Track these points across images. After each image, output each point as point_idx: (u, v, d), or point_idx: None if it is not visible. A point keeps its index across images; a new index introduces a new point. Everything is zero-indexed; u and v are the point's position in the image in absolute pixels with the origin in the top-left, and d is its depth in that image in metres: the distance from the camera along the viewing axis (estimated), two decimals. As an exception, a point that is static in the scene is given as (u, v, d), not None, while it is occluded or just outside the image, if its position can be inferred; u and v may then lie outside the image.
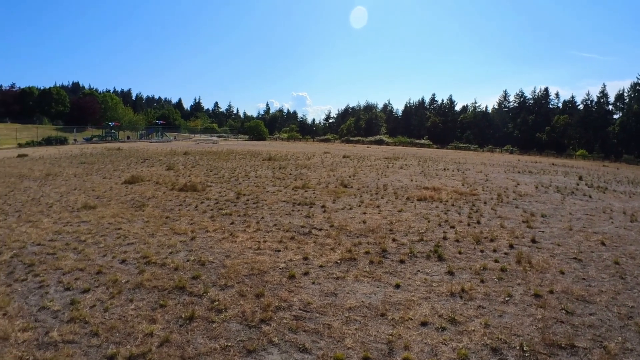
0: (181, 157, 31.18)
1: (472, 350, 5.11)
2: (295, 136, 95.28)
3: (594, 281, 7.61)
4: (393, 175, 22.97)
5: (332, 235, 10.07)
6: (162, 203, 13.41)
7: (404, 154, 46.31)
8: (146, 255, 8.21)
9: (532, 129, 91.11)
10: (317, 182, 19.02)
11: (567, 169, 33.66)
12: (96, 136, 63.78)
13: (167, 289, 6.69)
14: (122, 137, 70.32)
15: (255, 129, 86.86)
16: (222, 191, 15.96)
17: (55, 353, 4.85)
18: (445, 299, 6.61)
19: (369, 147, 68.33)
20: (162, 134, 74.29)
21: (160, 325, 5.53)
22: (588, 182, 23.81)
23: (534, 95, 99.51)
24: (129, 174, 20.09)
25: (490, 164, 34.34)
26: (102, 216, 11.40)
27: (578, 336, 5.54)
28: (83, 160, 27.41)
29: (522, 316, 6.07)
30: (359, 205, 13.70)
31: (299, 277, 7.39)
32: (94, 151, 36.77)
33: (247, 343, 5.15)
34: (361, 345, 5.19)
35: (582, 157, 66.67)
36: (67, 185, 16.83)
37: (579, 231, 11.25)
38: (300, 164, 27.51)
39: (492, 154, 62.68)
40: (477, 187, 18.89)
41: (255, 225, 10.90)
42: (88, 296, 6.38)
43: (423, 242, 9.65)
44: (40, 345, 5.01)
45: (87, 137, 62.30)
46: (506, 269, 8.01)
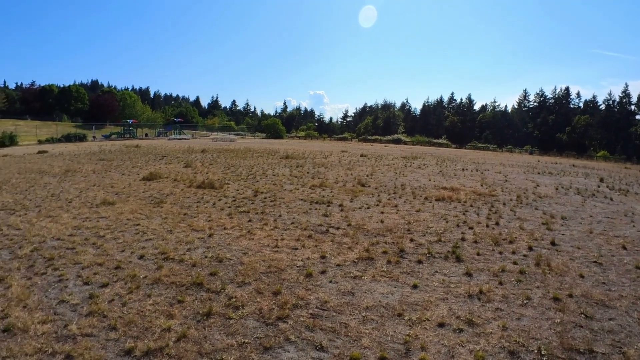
0: (199, 155, 31.35)
1: (489, 353, 5.05)
2: (312, 134, 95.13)
3: (614, 285, 7.46)
4: (411, 174, 22.82)
5: (350, 234, 10.04)
6: (180, 200, 13.51)
7: (422, 153, 45.96)
8: (164, 251, 8.27)
9: (553, 129, 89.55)
10: (334, 180, 18.98)
11: (587, 171, 33.10)
12: (115, 133, 64.48)
13: (185, 285, 6.73)
14: (140, 134, 70.97)
15: (273, 127, 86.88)
16: (240, 189, 16.01)
17: (74, 346, 4.91)
18: (462, 301, 6.54)
19: (387, 146, 67.74)
20: (179, 132, 74.79)
21: (177, 320, 5.57)
22: (609, 184, 23.37)
23: (555, 94, 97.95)
24: (147, 170, 20.26)
25: (510, 165, 33.93)
26: (120, 212, 11.52)
27: (597, 341, 5.43)
28: (102, 157, 27.74)
29: (540, 319, 5.98)
30: (377, 205, 13.63)
31: (316, 275, 7.38)
32: (112, 148, 37.19)
33: (263, 340, 5.15)
34: (378, 345, 5.16)
35: (604, 158, 65.37)
36: (86, 181, 17.05)
37: (599, 234, 11.05)
38: (318, 163, 27.47)
39: (511, 154, 61.88)
40: (496, 187, 18.68)
41: (272, 223, 10.92)
42: (106, 290, 6.46)
43: (441, 243, 9.57)
44: (59, 338, 5.07)
45: (105, 134, 63.08)
46: (525, 271, 7.89)
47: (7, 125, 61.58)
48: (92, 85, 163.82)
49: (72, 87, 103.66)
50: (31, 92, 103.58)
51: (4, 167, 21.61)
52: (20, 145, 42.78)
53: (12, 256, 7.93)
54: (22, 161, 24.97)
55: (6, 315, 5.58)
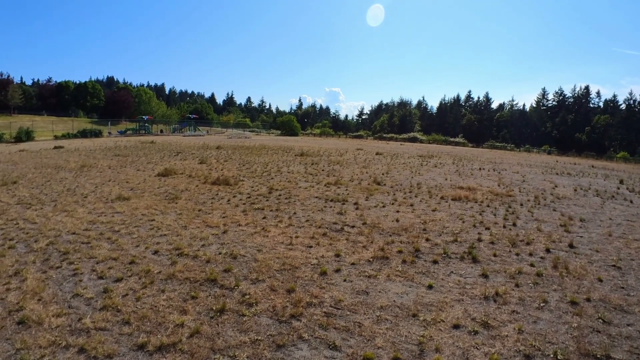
0: (214, 151, 31.48)
1: (504, 356, 4.98)
2: (327, 132, 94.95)
3: (633, 290, 7.30)
4: (427, 173, 22.68)
5: (365, 232, 9.99)
6: (195, 196, 13.56)
7: (438, 152, 45.68)
8: (178, 247, 8.30)
9: (571, 129, 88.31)
10: (349, 178, 18.93)
11: (607, 172, 32.59)
12: (130, 129, 65.01)
13: (199, 281, 6.74)
14: (156, 130, 71.32)
15: (288, 124, 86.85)
16: (255, 186, 16.04)
17: (87, 339, 4.93)
18: (478, 302, 6.46)
19: (403, 144, 67.32)
20: (194, 128, 75.14)
21: (191, 316, 5.57)
22: (629, 186, 22.96)
23: (574, 93, 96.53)
24: (162, 166, 20.42)
25: (527, 165, 33.57)
26: (135, 207, 11.59)
27: (614, 347, 5.31)
28: (117, 153, 27.98)
29: (557, 323, 5.88)
30: (392, 204, 13.55)
31: (331, 274, 7.34)
32: (127, 144, 37.50)
33: (277, 338, 5.14)
34: (391, 345, 5.12)
35: (624, 159, 64.26)
36: (101, 176, 17.19)
37: (618, 237, 10.85)
38: (333, 160, 27.42)
39: (529, 154, 61.24)
40: (514, 188, 18.48)
41: (287, 220, 10.90)
42: (121, 285, 6.49)
43: (457, 243, 9.48)
44: (72, 331, 5.11)
45: (121, 130, 63.63)
46: (542, 273, 7.77)
47: (24, 121, 62.61)
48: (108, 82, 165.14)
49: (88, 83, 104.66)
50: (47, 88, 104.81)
51: (20, 162, 21.90)
52: (36, 140, 43.31)
53: (28, 250, 8.02)
54: (39, 156, 25.28)
55: (21, 308, 5.63)
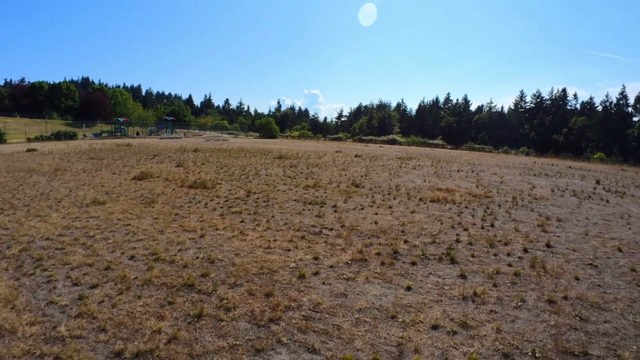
0: (191, 154, 31.22)
1: (483, 356, 5.02)
2: (306, 134, 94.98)
3: (610, 288, 7.46)
4: (406, 175, 22.84)
5: (343, 235, 10.00)
6: (172, 200, 13.41)
7: (417, 154, 46.05)
8: (155, 252, 8.19)
9: (549, 130, 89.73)
10: (328, 181, 18.96)
11: (584, 173, 33.25)
12: (105, 132, 64.16)
13: (176, 286, 6.65)
14: (132, 132, 70.51)
15: (266, 126, 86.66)
16: (232, 189, 15.93)
17: (63, 348, 4.83)
18: (457, 303, 6.51)
19: (382, 146, 67.73)
20: (171, 131, 74.47)
21: (168, 322, 5.50)
22: (606, 186, 23.47)
23: (552, 95, 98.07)
24: (138, 170, 20.13)
25: (505, 166, 34.05)
26: (111, 212, 11.40)
27: (592, 344, 5.41)
28: (92, 156, 27.53)
29: (535, 322, 5.96)
30: (371, 206, 13.60)
31: (309, 277, 7.32)
32: (103, 147, 36.94)
33: (255, 342, 5.10)
34: (371, 347, 5.12)
35: (600, 160, 65.78)
36: (76, 180, 16.89)
37: (595, 236, 11.07)
38: (312, 163, 27.43)
39: (507, 156, 62.10)
40: (492, 189, 18.72)
41: (265, 223, 10.85)
42: (96, 292, 6.37)
43: (435, 244, 9.55)
44: (47, 340, 4.99)
45: (96, 132, 62.72)
46: (520, 273, 7.88)
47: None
48: (83, 83, 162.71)
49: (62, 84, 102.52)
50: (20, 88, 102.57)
51: (-8, 166, 21.39)
52: (8, 143, 42.43)
53: (0, 256, 7.81)
54: (11, 159, 24.72)
55: (-7, 317, 5.47)
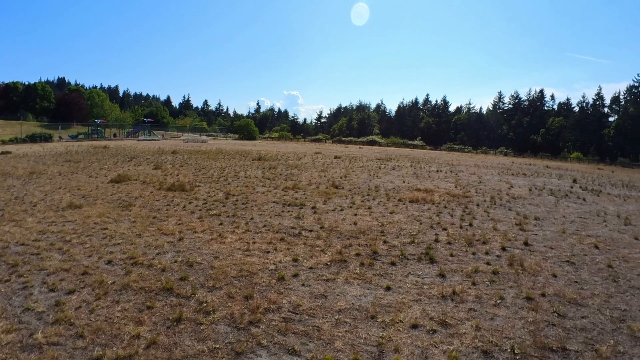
0: (169, 156, 30.92)
1: (462, 353, 5.08)
2: (286, 136, 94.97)
3: (587, 284, 7.63)
4: (385, 176, 22.97)
5: (323, 236, 10.01)
6: (150, 203, 13.27)
7: (396, 155, 46.37)
8: (133, 256, 8.08)
9: (527, 130, 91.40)
10: (307, 182, 18.96)
11: (561, 172, 33.88)
12: (82, 134, 62.96)
13: (154, 291, 6.59)
14: (109, 134, 69.40)
15: (245, 128, 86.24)
16: (211, 191, 15.83)
17: (40, 355, 4.74)
18: (436, 302, 6.57)
19: (361, 147, 68.08)
20: (149, 132, 73.58)
21: (147, 327, 5.43)
22: (582, 185, 23.98)
23: (529, 96, 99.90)
24: (115, 172, 19.87)
25: (484, 166, 34.48)
26: (87, 216, 11.23)
27: (570, 339, 5.52)
28: (68, 159, 27.06)
29: (513, 319, 6.05)
30: (350, 207, 13.65)
31: (289, 278, 7.32)
32: (79, 149, 36.33)
33: (235, 345, 5.07)
34: (351, 347, 5.13)
35: (577, 159, 67.25)
36: (51, 183, 16.59)
37: (572, 234, 11.30)
38: (291, 164, 27.41)
39: (485, 156, 62.98)
40: (470, 189, 18.94)
41: (244, 226, 10.80)
42: (73, 297, 6.26)
43: (414, 244, 9.62)
44: (24, 347, 4.89)
45: (72, 134, 61.54)
46: (498, 271, 8.00)
47: (-31, 125, 59.82)
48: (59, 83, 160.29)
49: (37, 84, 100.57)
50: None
51: (-35, 169, 20.90)
52: (-18, 146, 41.49)
53: (-27, 262, 7.64)
54: (-15, 163, 24.19)
55: (-34, 325, 5.35)
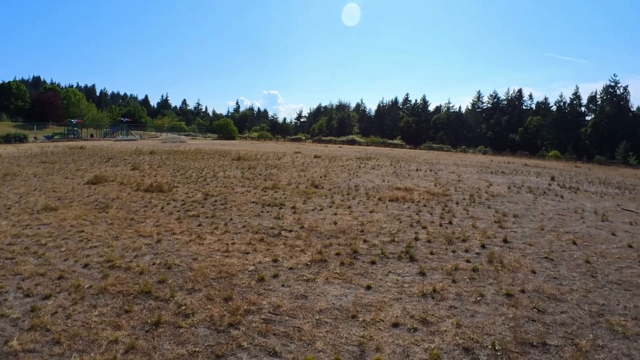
0: (147, 157, 30.59)
1: (444, 351, 5.11)
2: (265, 135, 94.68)
3: (566, 280, 7.77)
4: (365, 175, 23.08)
5: (303, 236, 10.00)
6: (127, 204, 13.09)
7: (376, 154, 46.62)
8: (110, 259, 7.96)
9: (506, 129, 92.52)
10: (287, 182, 18.94)
11: (539, 170, 34.46)
12: (58, 134, 61.89)
13: (132, 294, 6.49)
14: (86, 135, 68.29)
15: (225, 127, 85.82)
16: (189, 192, 15.70)
17: (15, 363, 4.63)
18: (416, 300, 6.60)
19: (341, 147, 68.34)
20: (127, 132, 72.72)
21: (125, 331, 5.35)
22: (560, 182, 24.43)
23: (508, 96, 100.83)
24: (92, 173, 19.57)
25: (463, 165, 34.88)
26: (63, 218, 11.03)
27: (550, 334, 5.61)
28: (44, 160, 26.57)
29: (494, 315, 6.12)
30: (330, 206, 13.67)
31: (269, 279, 7.28)
32: (55, 150, 35.70)
33: (215, 348, 5.03)
34: (332, 347, 5.13)
35: (555, 157, 68.35)
36: (26, 185, 16.26)
37: (550, 231, 11.49)
38: (271, 164, 27.36)
39: (465, 155, 63.76)
40: (450, 187, 19.14)
41: (223, 226, 10.73)
42: (49, 303, 6.13)
43: (394, 243, 9.66)
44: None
45: (48, 134, 60.46)
46: (478, 269, 8.08)
47: (-61, 126, 58.35)
48: (34, 82, 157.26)
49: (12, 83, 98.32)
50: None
51: None
52: (-46, 147, 40.53)
53: (-56, 268, 7.44)
54: (-44, 165, 23.64)
55: (-62, 333, 5.21)
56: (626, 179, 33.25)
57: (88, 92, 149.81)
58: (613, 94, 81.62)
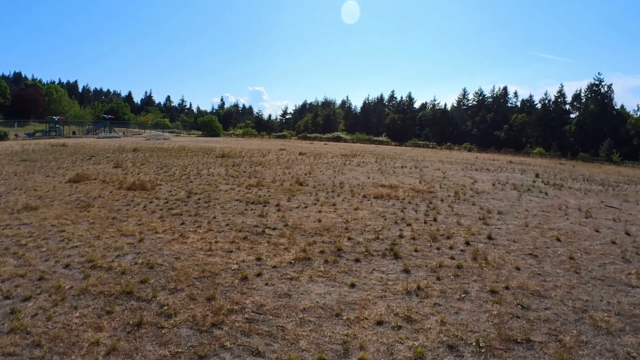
0: (130, 154, 30.29)
1: (428, 348, 5.12)
2: (250, 132, 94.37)
3: (549, 276, 7.84)
4: (350, 172, 23.10)
5: (287, 234, 9.96)
6: (109, 203, 12.93)
7: (361, 151, 46.69)
8: (91, 259, 7.85)
9: (491, 127, 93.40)
10: (272, 179, 18.89)
11: (524, 167, 34.80)
12: (39, 131, 60.96)
13: (114, 295, 6.40)
14: (68, 132, 67.38)
15: (209, 124, 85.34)
16: (173, 190, 15.57)
17: (-6, 367, 4.55)
18: (401, 298, 6.62)
19: (327, 144, 68.30)
20: (110, 129, 72.03)
21: (106, 333, 5.28)
22: (544, 179, 24.68)
23: (493, 94, 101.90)
24: (73, 172, 19.28)
25: (449, 162, 35.07)
26: (44, 218, 10.86)
27: (534, 331, 5.66)
28: (24, 158, 26.16)
29: (478, 312, 6.15)
30: (315, 204, 13.66)
31: (252, 278, 7.25)
32: (36, 147, 35.17)
33: (198, 348, 4.99)
34: (316, 346, 5.12)
35: (540, 155, 69.04)
36: (6, 184, 15.99)
37: (534, 227, 11.59)
38: (255, 162, 27.27)
39: (450, 152, 64.13)
40: (435, 184, 19.22)
41: (206, 225, 10.65)
42: (29, 304, 6.02)
43: (379, 241, 9.68)
44: (-23, 360, 4.68)
45: (29, 132, 59.59)
46: (462, 265, 8.13)
47: None
48: (15, 78, 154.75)
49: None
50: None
51: None
52: None
53: None
54: None
55: None
56: (609, 176, 33.71)
57: (70, 88, 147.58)
58: (597, 92, 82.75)
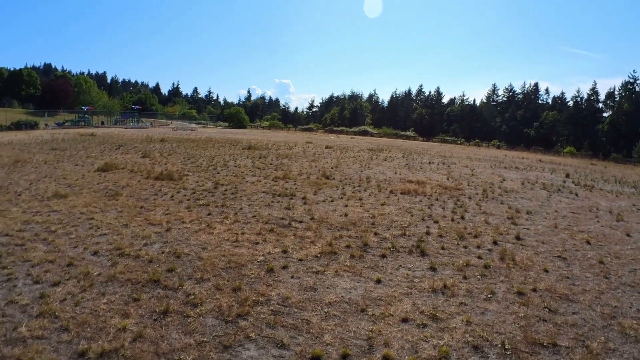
0: (157, 144, 30.64)
1: (453, 348, 5.05)
2: (277, 125, 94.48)
3: (578, 280, 7.64)
4: (377, 167, 22.97)
5: (313, 228, 9.95)
6: (137, 192, 13.10)
7: (388, 145, 46.37)
8: (119, 247, 7.96)
9: (520, 124, 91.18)
10: (298, 172, 18.90)
11: (554, 166, 34.07)
12: (69, 121, 62.10)
13: (141, 282, 6.48)
14: (96, 122, 68.53)
15: (236, 116, 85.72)
16: (200, 180, 15.69)
17: (24, 349, 4.63)
18: (426, 295, 6.54)
19: (353, 137, 67.94)
20: (138, 120, 72.84)
21: (133, 319, 5.34)
22: (575, 180, 24.09)
23: (524, 90, 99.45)
24: (102, 161, 19.60)
25: (477, 159, 34.59)
26: (73, 205, 11.05)
27: (560, 335, 5.52)
28: (54, 147, 26.68)
29: (504, 314, 6.04)
30: (341, 198, 13.60)
31: (278, 270, 7.25)
32: (66, 137, 35.86)
33: (223, 338, 5.01)
34: (340, 341, 5.09)
35: (570, 154, 67.28)
36: (37, 172, 16.33)
37: (564, 229, 11.33)
38: (282, 154, 27.31)
39: (478, 148, 63.24)
40: (462, 181, 18.98)
41: (233, 216, 10.70)
42: (58, 289, 6.13)
43: (405, 237, 9.59)
44: (8, 342, 4.77)
45: (59, 121, 60.69)
46: (489, 265, 7.99)
47: (-48, 112, 58.71)
48: (45, 69, 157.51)
49: (23, 70, 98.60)
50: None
51: (-52, 157, 20.53)
52: (-34, 133, 40.81)
53: (-45, 253, 7.46)
54: (-31, 150, 23.80)
55: (-52, 318, 5.21)
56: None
57: (99, 79, 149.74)
58: (632, 91, 79.84)
